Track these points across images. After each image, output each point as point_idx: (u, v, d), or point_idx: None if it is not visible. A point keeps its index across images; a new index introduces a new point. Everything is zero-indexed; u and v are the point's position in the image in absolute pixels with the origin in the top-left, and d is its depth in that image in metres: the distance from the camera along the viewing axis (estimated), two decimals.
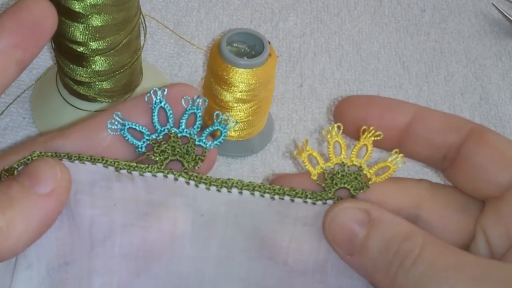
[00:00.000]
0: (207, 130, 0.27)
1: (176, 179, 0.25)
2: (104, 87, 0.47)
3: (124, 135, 0.25)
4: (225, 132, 0.27)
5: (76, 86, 0.48)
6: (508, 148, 0.26)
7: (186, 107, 0.26)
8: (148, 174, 0.25)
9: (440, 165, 0.28)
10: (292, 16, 0.67)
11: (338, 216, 0.26)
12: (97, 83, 0.47)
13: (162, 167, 0.25)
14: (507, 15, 0.68)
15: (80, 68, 0.46)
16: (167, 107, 0.26)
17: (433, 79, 0.64)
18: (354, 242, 0.25)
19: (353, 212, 0.25)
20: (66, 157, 0.25)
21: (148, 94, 0.26)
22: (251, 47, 0.48)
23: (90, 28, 0.43)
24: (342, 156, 0.27)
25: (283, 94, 0.59)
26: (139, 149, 0.26)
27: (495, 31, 0.69)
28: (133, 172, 0.25)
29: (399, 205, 0.28)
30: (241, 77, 0.46)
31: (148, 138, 0.26)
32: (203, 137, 0.26)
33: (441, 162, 0.28)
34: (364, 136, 0.27)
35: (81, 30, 0.43)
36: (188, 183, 0.26)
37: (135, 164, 0.25)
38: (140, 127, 0.26)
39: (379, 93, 0.61)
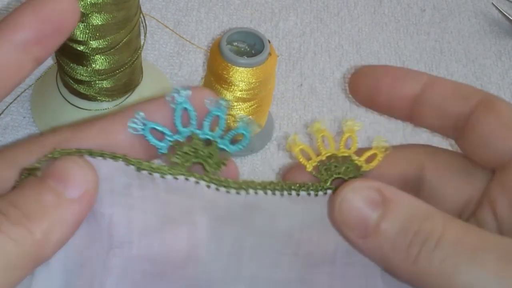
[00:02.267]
0: (230, 133, 0.26)
1: (197, 182, 0.25)
2: (105, 86, 0.48)
3: (145, 136, 0.25)
4: (248, 135, 0.26)
5: (76, 85, 0.48)
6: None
7: (209, 109, 0.25)
8: (169, 177, 0.24)
9: (452, 134, 0.27)
10: (292, 15, 0.67)
11: (349, 196, 0.24)
12: (97, 82, 0.47)
13: (184, 170, 0.25)
14: (507, 14, 0.69)
15: (80, 67, 0.46)
16: (190, 107, 0.25)
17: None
18: (368, 223, 0.23)
19: (364, 191, 0.24)
20: (88, 153, 0.24)
21: (171, 94, 0.25)
22: (251, 46, 0.48)
23: (90, 27, 0.43)
24: (331, 148, 0.27)
25: (283, 93, 0.59)
26: (161, 150, 0.25)
27: (495, 31, 0.69)
28: (154, 174, 0.24)
29: (402, 170, 0.27)
30: (241, 76, 0.46)
31: (170, 139, 0.25)
32: (226, 140, 0.26)
33: (452, 131, 0.27)
34: (347, 128, 0.27)
35: (81, 29, 0.43)
36: (208, 187, 0.25)
37: (156, 165, 0.24)
38: (162, 127, 0.25)
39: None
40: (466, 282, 0.21)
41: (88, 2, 0.41)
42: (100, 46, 0.44)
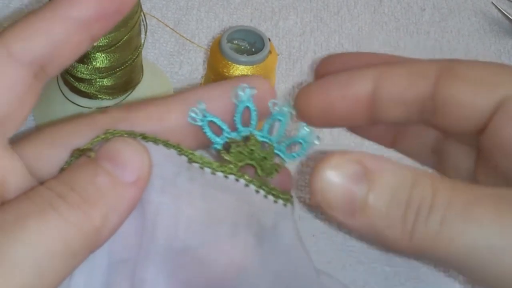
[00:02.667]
0: (289, 140, 0.25)
1: (247, 185, 0.24)
2: (105, 84, 0.48)
3: (203, 128, 0.24)
4: (306, 146, 0.25)
5: (76, 83, 0.48)
6: (482, 72, 0.24)
7: (272, 112, 0.24)
8: (220, 174, 0.23)
9: (420, 118, 0.26)
10: (292, 14, 0.67)
11: (329, 176, 0.22)
12: (97, 80, 0.47)
13: (235, 170, 0.24)
14: (506, 14, 0.69)
15: (81, 64, 0.46)
16: (253, 107, 0.24)
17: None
18: (355, 201, 0.21)
19: (345, 166, 0.22)
20: (141, 136, 0.23)
21: (236, 90, 0.24)
22: (252, 44, 0.48)
23: None
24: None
25: (283, 92, 0.59)
26: (215, 146, 0.24)
27: (495, 30, 0.69)
28: (205, 168, 0.23)
29: (414, 92, 0.25)
30: (241, 74, 0.46)
31: (228, 136, 0.24)
32: (283, 147, 0.25)
33: (420, 115, 0.26)
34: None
35: None
36: (257, 192, 0.24)
37: (209, 160, 0.23)
38: (222, 123, 0.24)
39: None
40: (468, 243, 0.20)
41: None
42: (101, 44, 0.44)
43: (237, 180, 0.24)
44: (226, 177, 0.24)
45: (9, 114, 0.22)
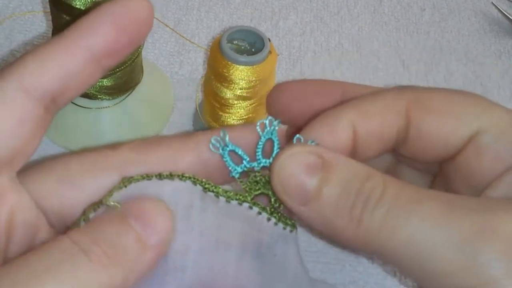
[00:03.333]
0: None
1: (259, 213, 0.24)
2: (105, 84, 0.48)
3: (224, 157, 0.25)
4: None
5: None
6: (450, 103, 0.25)
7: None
8: (234, 202, 0.24)
9: (393, 149, 0.27)
10: (292, 14, 0.67)
11: (288, 162, 0.23)
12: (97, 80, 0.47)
13: (249, 198, 0.24)
14: (506, 14, 0.69)
15: None
16: (276, 140, 0.25)
17: (433, 77, 0.64)
18: (308, 189, 0.22)
19: (304, 156, 0.23)
20: (157, 176, 0.23)
21: (262, 121, 0.25)
22: (252, 45, 0.48)
23: None
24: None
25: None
26: (233, 174, 0.25)
27: (495, 30, 0.69)
28: (220, 197, 0.24)
29: (389, 129, 0.25)
30: (241, 74, 0.46)
31: (246, 165, 0.25)
32: None
33: (393, 146, 0.26)
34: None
35: None
36: (269, 219, 0.24)
37: (225, 189, 0.24)
38: (243, 153, 0.25)
39: (366, 85, 0.62)
40: (408, 235, 0.21)
41: (89, 0, 0.41)
42: None
43: (250, 208, 0.24)
44: (240, 204, 0.24)
45: (20, 148, 0.22)
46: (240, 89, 0.47)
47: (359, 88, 0.27)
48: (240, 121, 0.50)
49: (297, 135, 0.25)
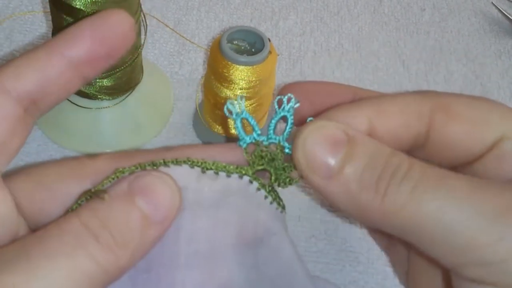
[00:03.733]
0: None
1: (258, 189, 0.24)
2: (105, 84, 0.48)
3: (235, 121, 0.24)
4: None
5: None
6: (475, 111, 0.25)
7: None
8: (234, 175, 0.24)
9: (410, 151, 0.26)
10: (292, 15, 0.67)
11: (313, 135, 0.23)
12: (97, 80, 0.47)
13: (251, 172, 0.24)
14: (506, 14, 0.69)
15: None
16: (291, 119, 0.24)
17: (433, 77, 0.64)
18: (333, 161, 0.22)
19: (329, 130, 0.23)
20: (150, 165, 0.23)
21: (280, 97, 0.24)
22: (252, 45, 0.48)
23: None
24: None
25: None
26: (241, 143, 0.24)
27: (495, 30, 0.69)
28: (220, 173, 0.23)
29: (409, 131, 0.25)
30: (241, 74, 0.46)
31: (256, 137, 0.24)
32: None
33: (410, 149, 0.26)
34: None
35: None
36: (266, 197, 0.24)
37: (223, 164, 0.24)
38: (255, 123, 0.24)
39: (379, 91, 0.62)
40: (436, 208, 0.21)
41: (89, 0, 0.41)
42: None
43: (250, 182, 0.24)
44: (240, 177, 0.24)
45: (1, 145, 0.23)
46: (240, 89, 0.47)
47: (371, 93, 0.27)
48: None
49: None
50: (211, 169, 0.23)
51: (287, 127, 0.25)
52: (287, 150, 0.25)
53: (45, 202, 0.24)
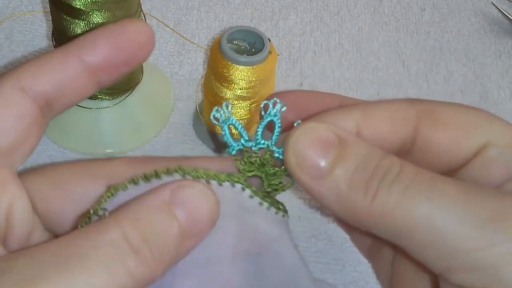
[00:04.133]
0: None
1: (251, 196, 0.24)
2: None
3: (223, 129, 0.24)
4: None
5: None
6: (461, 117, 0.25)
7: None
8: (226, 184, 0.24)
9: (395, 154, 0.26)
10: (292, 15, 0.67)
11: (304, 136, 0.23)
12: None
13: (243, 179, 0.24)
14: (506, 14, 0.69)
15: None
16: (278, 123, 0.24)
17: (433, 77, 0.64)
18: (324, 162, 0.22)
19: (320, 131, 0.23)
20: (143, 179, 0.23)
21: (267, 102, 0.24)
22: (252, 45, 0.48)
23: (91, 25, 0.43)
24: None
25: None
26: (230, 150, 0.24)
27: (495, 30, 0.69)
28: (211, 182, 0.23)
29: (396, 136, 0.25)
30: (241, 74, 0.46)
31: (244, 144, 0.24)
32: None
33: (396, 154, 0.26)
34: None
35: (82, 27, 0.43)
36: (261, 204, 0.24)
37: (214, 172, 0.24)
38: (242, 129, 0.24)
39: (379, 91, 0.61)
40: (425, 214, 0.21)
41: (89, 0, 0.41)
42: None
43: (243, 189, 0.24)
44: (232, 185, 0.24)
45: (18, 143, 0.23)
46: (240, 89, 0.47)
47: (357, 101, 0.27)
48: (240, 121, 0.50)
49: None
50: (202, 177, 0.23)
51: (275, 132, 0.25)
52: (276, 155, 0.25)
53: (59, 202, 0.24)
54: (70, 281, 0.19)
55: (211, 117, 0.24)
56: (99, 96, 0.49)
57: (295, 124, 0.24)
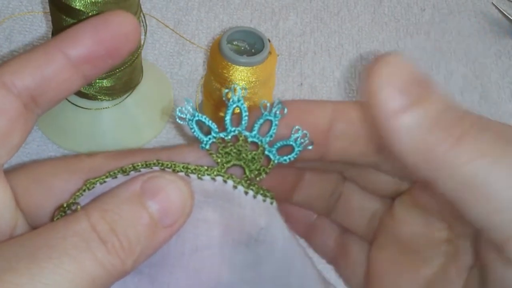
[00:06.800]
0: (280, 142, 0.24)
1: (235, 187, 0.24)
2: (105, 85, 0.48)
3: (191, 127, 0.24)
4: (298, 150, 0.24)
5: None
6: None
7: (263, 112, 0.24)
8: (206, 177, 0.23)
9: (374, 161, 0.26)
10: (292, 15, 0.67)
11: (394, 67, 0.21)
12: (97, 81, 0.47)
13: (223, 171, 0.24)
14: (506, 14, 0.69)
15: None
16: (243, 107, 0.24)
17: (433, 77, 0.64)
18: (411, 97, 0.20)
19: (411, 68, 0.21)
20: (120, 172, 0.23)
21: (227, 90, 0.24)
22: (251, 45, 0.48)
23: None
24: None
25: (283, 93, 0.59)
26: (203, 145, 0.24)
27: (495, 31, 0.69)
28: (190, 175, 0.23)
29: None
30: (241, 75, 0.46)
31: (215, 135, 0.24)
32: (274, 149, 0.24)
33: (375, 157, 0.25)
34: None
35: None
36: (246, 193, 0.24)
37: (193, 166, 0.23)
38: (210, 122, 0.24)
39: None
40: (508, 179, 0.19)
41: (89, 1, 0.41)
42: None
43: (225, 181, 0.24)
44: (213, 179, 0.23)
45: (1, 140, 0.23)
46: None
47: (349, 104, 0.27)
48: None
49: (264, 100, 0.24)
50: (181, 171, 0.23)
51: (271, 130, 0.24)
52: (250, 139, 0.24)
53: (40, 197, 0.24)
54: (37, 270, 0.19)
55: (177, 118, 0.24)
56: (98, 96, 0.49)
57: (261, 105, 0.24)
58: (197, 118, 0.24)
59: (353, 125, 0.25)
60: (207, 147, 0.24)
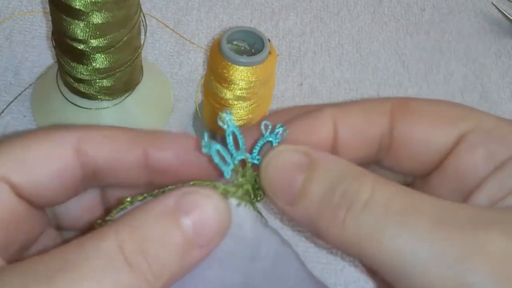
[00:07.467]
0: (258, 145, 0.24)
1: (238, 205, 0.23)
2: (105, 85, 0.48)
3: (213, 158, 0.23)
4: (277, 142, 0.24)
5: (76, 84, 0.48)
6: (437, 108, 0.24)
7: (263, 133, 0.24)
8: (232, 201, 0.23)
9: (377, 159, 0.26)
10: (292, 15, 0.67)
11: (274, 160, 0.22)
12: (97, 80, 0.47)
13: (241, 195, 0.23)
14: (506, 14, 0.69)
15: (81, 65, 0.46)
16: (238, 132, 0.24)
17: (433, 78, 0.64)
18: (294, 188, 0.21)
19: (290, 154, 0.22)
20: (142, 197, 0.23)
21: (266, 123, 0.24)
22: (251, 45, 0.48)
23: (91, 25, 0.43)
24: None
25: (283, 92, 0.59)
26: (226, 175, 0.23)
27: (495, 30, 0.69)
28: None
29: (371, 129, 0.25)
30: (241, 75, 0.46)
31: (236, 162, 0.23)
32: (255, 155, 0.24)
33: (377, 155, 0.26)
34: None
35: (81, 27, 0.43)
36: (239, 205, 0.24)
37: (222, 185, 0.23)
38: (225, 151, 0.23)
39: (379, 92, 0.61)
40: (395, 248, 0.20)
41: (89, 1, 0.41)
42: (101, 45, 0.44)
43: (238, 205, 0.23)
44: (239, 205, 0.23)
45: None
46: (240, 89, 0.47)
47: (349, 108, 0.27)
48: (240, 121, 0.50)
49: (265, 121, 0.24)
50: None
51: (240, 140, 0.24)
52: (251, 160, 0.24)
53: (37, 168, 0.23)
54: None
55: (203, 150, 0.23)
56: (98, 96, 0.49)
57: (262, 124, 0.24)
58: (216, 148, 0.23)
59: (355, 128, 0.25)
60: (229, 176, 0.23)
